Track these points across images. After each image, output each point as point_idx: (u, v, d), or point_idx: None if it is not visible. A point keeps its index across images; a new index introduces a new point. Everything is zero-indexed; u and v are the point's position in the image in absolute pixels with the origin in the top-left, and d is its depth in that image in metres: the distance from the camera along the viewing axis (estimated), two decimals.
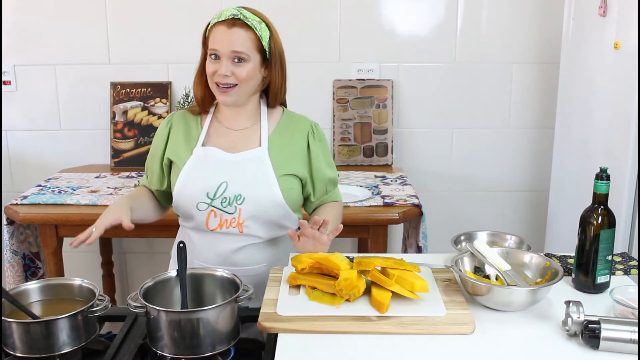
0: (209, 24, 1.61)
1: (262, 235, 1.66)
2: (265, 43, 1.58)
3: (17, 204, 2.32)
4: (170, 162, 1.69)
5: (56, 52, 2.85)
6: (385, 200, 2.32)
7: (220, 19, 1.56)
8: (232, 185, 1.60)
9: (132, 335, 1.36)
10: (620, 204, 2.02)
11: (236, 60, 1.55)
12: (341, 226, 1.56)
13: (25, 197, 2.38)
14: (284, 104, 1.76)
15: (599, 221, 1.38)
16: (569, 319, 1.19)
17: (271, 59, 1.61)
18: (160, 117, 2.84)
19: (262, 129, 1.67)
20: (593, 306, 1.31)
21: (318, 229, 1.50)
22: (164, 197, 1.75)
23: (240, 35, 1.54)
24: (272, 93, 1.67)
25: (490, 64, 2.85)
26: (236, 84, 1.57)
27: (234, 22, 1.55)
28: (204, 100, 1.68)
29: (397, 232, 2.94)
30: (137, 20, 2.81)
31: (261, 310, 1.29)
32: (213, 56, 1.56)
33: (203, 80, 1.65)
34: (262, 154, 1.63)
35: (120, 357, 1.28)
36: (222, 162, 1.63)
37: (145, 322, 1.28)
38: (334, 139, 2.87)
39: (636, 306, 1.24)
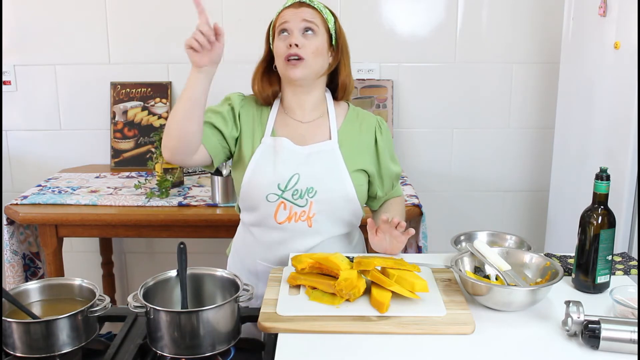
0: (272, 22, 1.65)
1: (329, 231, 1.64)
2: (331, 26, 1.62)
3: (17, 204, 2.32)
4: (235, 142, 1.65)
5: (56, 52, 2.85)
6: None
7: (287, 5, 1.60)
8: (304, 177, 1.59)
9: (132, 335, 1.36)
10: (620, 204, 2.02)
11: (306, 32, 1.57)
12: (413, 230, 1.51)
13: (25, 197, 2.38)
14: (348, 100, 1.75)
15: (599, 221, 1.38)
16: (569, 319, 1.19)
17: (337, 43, 1.64)
18: (160, 117, 2.85)
19: (330, 121, 1.66)
20: (593, 306, 1.31)
21: (395, 228, 1.50)
22: (211, 141, 1.63)
23: (309, 11, 1.59)
24: (341, 83, 1.67)
25: (490, 64, 2.85)
26: (303, 58, 1.56)
27: (301, 3, 1.60)
28: (264, 96, 1.67)
29: None
30: (137, 20, 2.81)
31: (261, 310, 1.29)
32: (283, 33, 1.58)
33: (259, 76, 1.66)
34: (333, 147, 1.63)
35: (120, 357, 1.28)
36: (292, 153, 1.61)
37: (145, 322, 1.28)
38: None
39: (636, 306, 1.24)
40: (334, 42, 1.63)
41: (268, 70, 1.67)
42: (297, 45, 1.55)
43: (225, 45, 1.46)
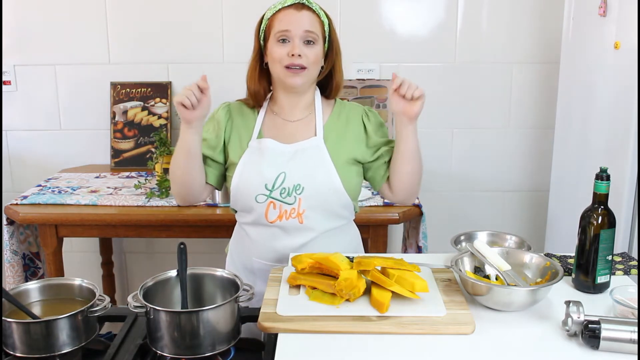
0: (263, 16, 1.63)
1: (321, 226, 1.65)
2: (326, 29, 1.63)
3: (17, 204, 2.32)
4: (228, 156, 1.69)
5: (56, 52, 2.85)
6: (385, 200, 2.32)
7: (286, 5, 1.59)
8: (291, 175, 1.61)
9: (132, 335, 1.36)
10: (620, 204, 2.02)
11: (306, 42, 1.57)
12: (399, 79, 1.55)
13: (25, 197, 2.38)
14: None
15: (599, 221, 1.38)
16: (569, 319, 1.19)
17: (332, 46, 1.65)
18: (160, 117, 2.84)
19: (316, 118, 1.67)
20: (593, 306, 1.31)
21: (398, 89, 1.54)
22: (213, 177, 1.71)
23: (309, 17, 1.59)
24: (335, 83, 1.69)
25: (490, 64, 2.85)
26: (305, 67, 1.58)
27: (302, 6, 1.59)
28: (258, 94, 1.68)
29: (397, 232, 2.94)
30: (137, 20, 2.81)
31: (261, 310, 1.29)
32: (282, 40, 1.57)
33: (257, 74, 1.66)
34: (318, 143, 1.64)
35: (120, 357, 1.28)
36: (278, 153, 1.63)
37: (145, 322, 1.28)
38: None
39: (636, 306, 1.24)
40: (326, 45, 1.64)
41: (260, 68, 1.67)
42: (299, 56, 1.56)
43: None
